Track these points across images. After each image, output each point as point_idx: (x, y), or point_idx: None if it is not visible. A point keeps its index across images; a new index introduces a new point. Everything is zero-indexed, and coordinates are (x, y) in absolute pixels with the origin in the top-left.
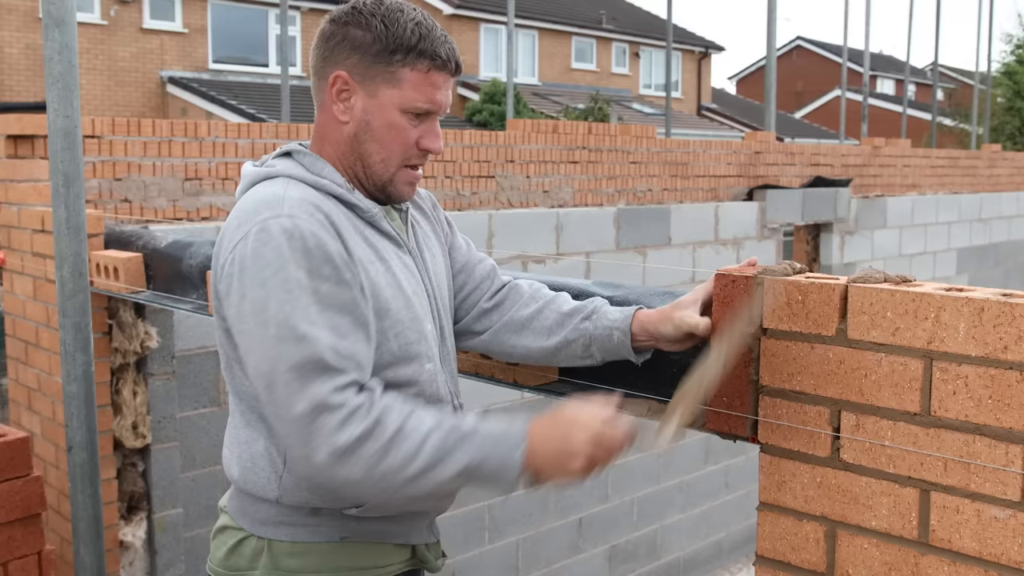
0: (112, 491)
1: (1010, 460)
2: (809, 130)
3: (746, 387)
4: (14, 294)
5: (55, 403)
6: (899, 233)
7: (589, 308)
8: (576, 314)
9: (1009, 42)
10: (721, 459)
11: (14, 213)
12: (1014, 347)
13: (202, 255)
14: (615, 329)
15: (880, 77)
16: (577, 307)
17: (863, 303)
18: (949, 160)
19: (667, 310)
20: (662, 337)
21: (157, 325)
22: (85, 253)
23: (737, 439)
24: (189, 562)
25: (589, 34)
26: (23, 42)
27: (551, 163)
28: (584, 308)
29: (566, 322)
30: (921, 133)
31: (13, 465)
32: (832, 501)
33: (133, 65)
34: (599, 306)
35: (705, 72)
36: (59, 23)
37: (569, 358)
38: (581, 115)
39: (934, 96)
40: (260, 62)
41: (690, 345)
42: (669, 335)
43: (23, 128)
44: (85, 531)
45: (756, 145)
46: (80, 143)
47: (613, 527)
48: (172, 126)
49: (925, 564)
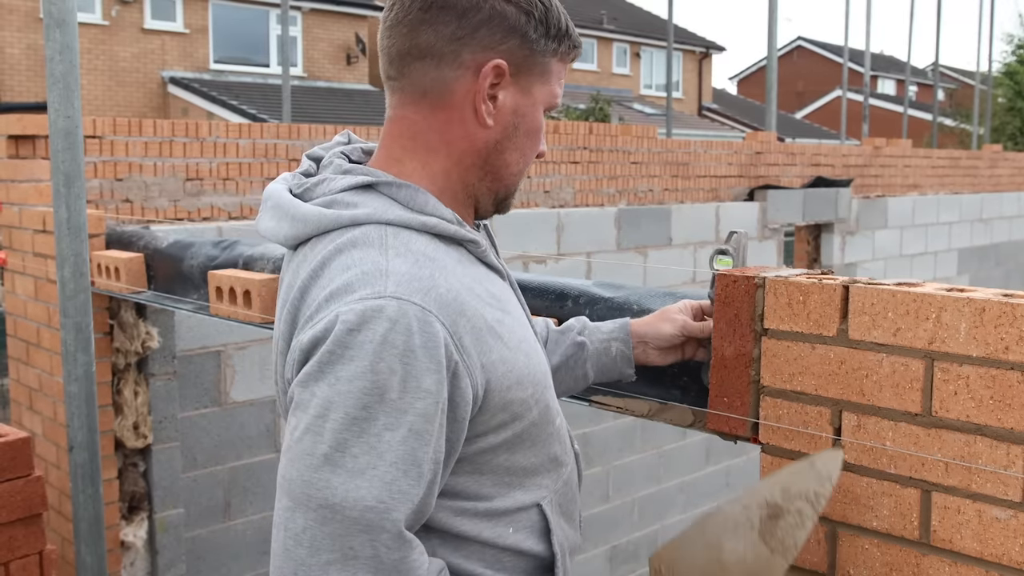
0: (113, 491)
1: (1011, 461)
2: (810, 130)
3: (747, 387)
4: (15, 294)
5: (56, 403)
6: (900, 233)
7: (581, 324)
8: (569, 331)
9: (1010, 42)
10: (722, 459)
11: (15, 213)
12: (1015, 347)
13: (203, 255)
14: (613, 340)
15: (881, 77)
16: (568, 325)
17: (864, 303)
18: (950, 160)
19: (662, 312)
20: (660, 337)
21: (158, 325)
22: (86, 253)
23: (738, 439)
24: (190, 562)
25: (590, 34)
26: (24, 42)
27: (552, 163)
28: (573, 327)
29: (561, 340)
30: (922, 133)
31: (14, 465)
32: (833, 501)
33: (134, 65)
34: (587, 324)
35: (706, 72)
36: (60, 23)
37: (567, 380)
38: (582, 115)
39: (935, 96)
40: (261, 62)
41: (673, 359)
42: (667, 334)
43: (24, 128)
44: (86, 531)
45: (757, 145)
46: (81, 143)
47: (614, 527)
48: (173, 126)
49: (926, 564)
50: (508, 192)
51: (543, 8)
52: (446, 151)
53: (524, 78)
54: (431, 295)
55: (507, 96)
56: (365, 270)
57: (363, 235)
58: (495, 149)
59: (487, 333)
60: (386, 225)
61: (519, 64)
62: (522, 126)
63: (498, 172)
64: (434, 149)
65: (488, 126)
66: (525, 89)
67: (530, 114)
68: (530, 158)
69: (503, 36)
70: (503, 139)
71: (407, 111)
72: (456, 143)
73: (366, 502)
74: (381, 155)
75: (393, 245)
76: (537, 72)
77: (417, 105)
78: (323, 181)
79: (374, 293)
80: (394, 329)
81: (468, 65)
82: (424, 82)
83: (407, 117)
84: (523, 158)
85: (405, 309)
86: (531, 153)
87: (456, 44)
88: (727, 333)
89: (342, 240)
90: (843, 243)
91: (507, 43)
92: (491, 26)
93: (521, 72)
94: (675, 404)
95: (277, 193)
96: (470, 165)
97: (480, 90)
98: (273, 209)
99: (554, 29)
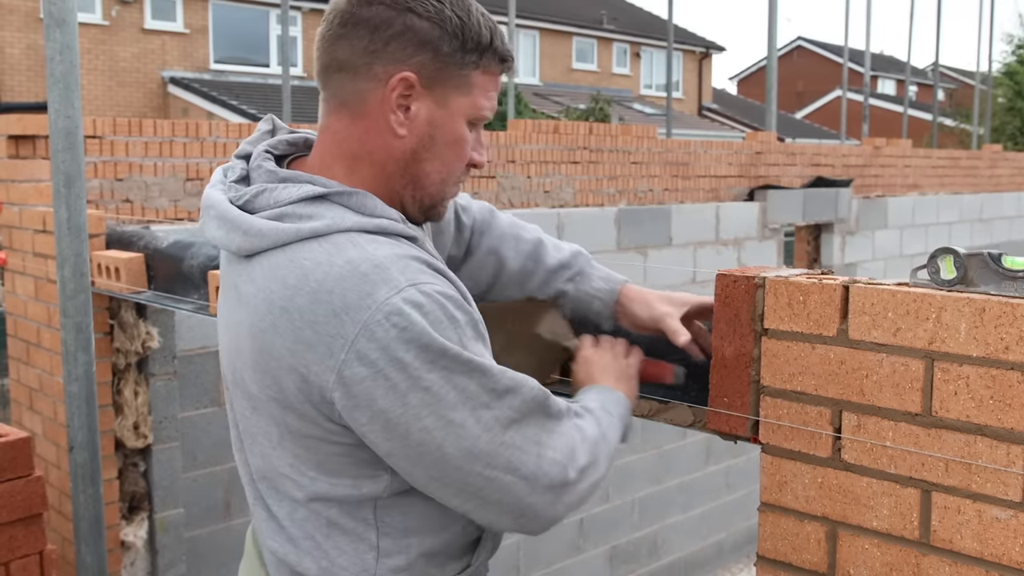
0: (113, 491)
1: (1011, 460)
2: (810, 130)
3: (747, 387)
4: (15, 294)
5: (56, 403)
6: (900, 233)
7: (575, 268)
8: (561, 272)
9: (1010, 42)
10: (722, 459)
11: (15, 213)
12: (1015, 347)
13: (203, 255)
14: (596, 298)
15: (881, 77)
16: (562, 263)
17: (864, 303)
18: (950, 160)
19: (652, 300)
20: (635, 316)
21: (158, 325)
22: (86, 253)
23: (738, 439)
24: (190, 562)
25: (590, 34)
26: (24, 42)
27: (552, 163)
28: (570, 266)
29: (551, 280)
30: (922, 133)
31: (15, 465)
32: (833, 501)
33: (134, 65)
34: (583, 267)
35: (706, 72)
36: (60, 23)
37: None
38: (582, 115)
39: (935, 96)
40: (261, 62)
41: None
42: (641, 317)
43: (24, 128)
44: (86, 531)
45: (757, 145)
46: (81, 143)
47: (614, 527)
48: (173, 126)
49: (926, 565)
50: (433, 200)
51: (459, 22)
52: (369, 159)
53: (439, 90)
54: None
55: (420, 107)
56: (365, 271)
57: (332, 243)
58: (412, 158)
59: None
60: (348, 232)
61: (431, 76)
62: (439, 136)
63: (419, 181)
64: (358, 157)
65: (400, 136)
66: (440, 101)
67: (447, 125)
68: (454, 168)
69: (414, 50)
70: (419, 148)
71: (331, 120)
72: (376, 152)
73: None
74: (314, 163)
75: (368, 243)
76: (453, 84)
77: (339, 115)
78: (263, 191)
79: (394, 288)
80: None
81: (380, 77)
82: (342, 93)
83: (331, 126)
84: (445, 167)
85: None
86: (455, 163)
87: (369, 57)
88: (727, 333)
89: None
90: (843, 243)
91: (418, 56)
92: (402, 40)
93: (435, 84)
94: (675, 404)
95: (219, 204)
96: (392, 173)
97: (390, 101)
98: (218, 219)
99: (471, 42)
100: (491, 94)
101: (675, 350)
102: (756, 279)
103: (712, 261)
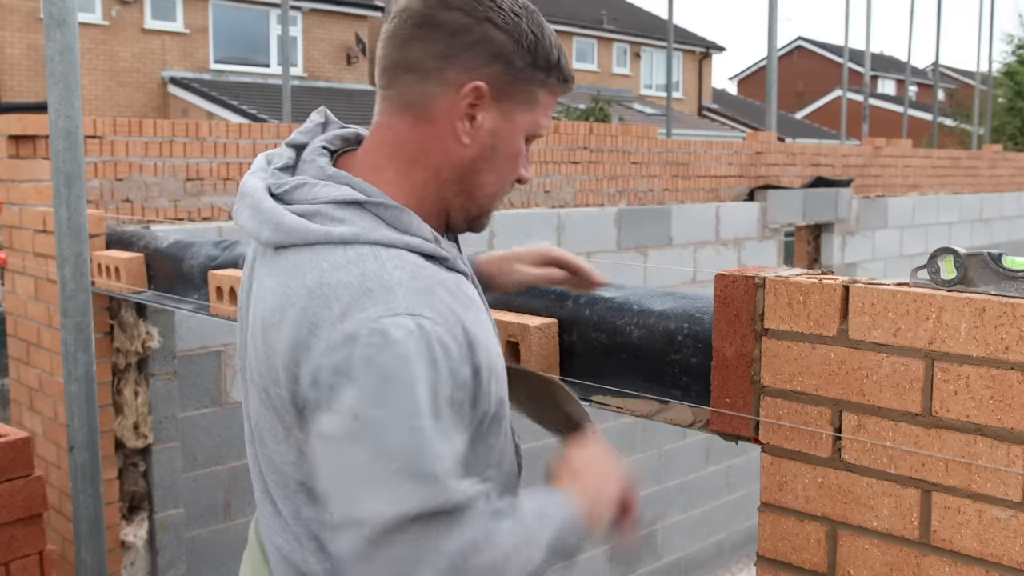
0: (113, 491)
1: (1011, 460)
2: (810, 130)
3: (748, 387)
4: (16, 294)
5: (56, 403)
6: (900, 233)
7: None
8: None
9: (1010, 42)
10: (722, 459)
11: (16, 213)
12: (1015, 347)
13: (203, 255)
14: None
15: (881, 77)
16: None
17: (864, 303)
18: (950, 160)
19: (512, 267)
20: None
21: (158, 325)
22: (86, 253)
23: (739, 439)
24: (190, 562)
25: (590, 34)
26: (24, 42)
27: (552, 163)
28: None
29: None
30: (922, 133)
31: (15, 465)
32: (833, 501)
33: (134, 65)
34: None
35: (706, 72)
36: (60, 23)
37: None
38: (582, 115)
39: (935, 96)
40: (261, 62)
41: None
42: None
43: (24, 128)
44: (86, 531)
45: (757, 145)
46: (81, 143)
47: None
48: (173, 126)
49: (926, 565)
50: (481, 211)
51: (533, 39)
52: (425, 163)
53: (506, 103)
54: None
55: (487, 118)
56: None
57: (357, 252)
58: (471, 168)
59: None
60: (375, 244)
61: (501, 89)
62: (500, 149)
63: (472, 191)
64: (414, 160)
65: (465, 144)
66: (507, 114)
67: (509, 139)
68: (507, 182)
69: (488, 60)
70: (479, 159)
71: (392, 119)
72: (434, 156)
73: None
74: (364, 160)
75: (389, 260)
76: (520, 99)
77: (402, 115)
78: (303, 185)
79: (389, 310)
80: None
81: (452, 83)
82: (410, 94)
83: (392, 126)
84: (499, 180)
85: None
86: (509, 177)
87: (442, 62)
88: (727, 333)
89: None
90: (843, 243)
91: (491, 67)
92: (478, 49)
93: (504, 97)
94: (675, 404)
95: (255, 193)
96: (446, 180)
97: (459, 108)
98: (251, 209)
99: (543, 60)
100: (550, 113)
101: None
102: (756, 279)
103: (712, 261)
